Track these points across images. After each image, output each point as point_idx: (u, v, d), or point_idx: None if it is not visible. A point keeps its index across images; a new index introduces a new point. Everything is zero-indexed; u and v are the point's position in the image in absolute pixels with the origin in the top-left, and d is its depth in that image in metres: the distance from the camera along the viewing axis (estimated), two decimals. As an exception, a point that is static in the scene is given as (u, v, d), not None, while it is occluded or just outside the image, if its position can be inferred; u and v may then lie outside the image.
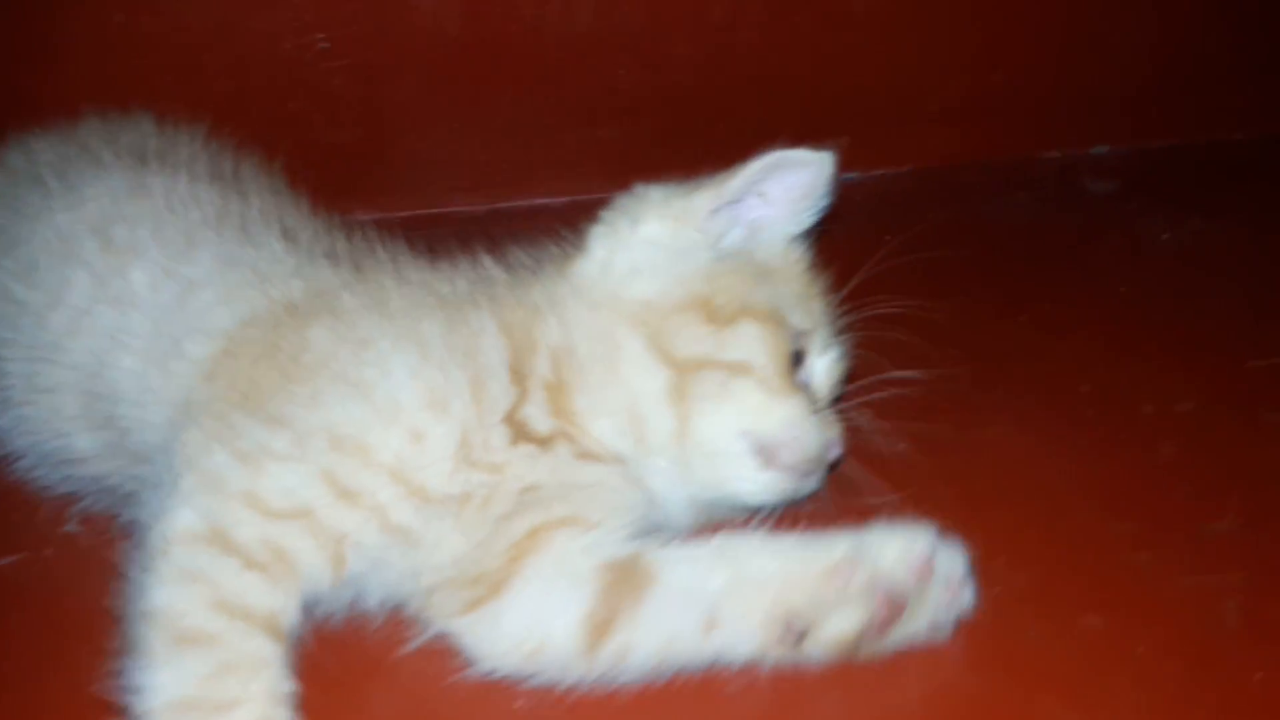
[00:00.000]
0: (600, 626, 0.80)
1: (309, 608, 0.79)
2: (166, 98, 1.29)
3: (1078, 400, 1.18)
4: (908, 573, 0.81)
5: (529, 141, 1.57)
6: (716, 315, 0.88)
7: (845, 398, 0.99)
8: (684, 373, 0.87)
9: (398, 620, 0.86)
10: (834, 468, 0.94)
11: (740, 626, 0.80)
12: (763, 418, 0.87)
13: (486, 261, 0.96)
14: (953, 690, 0.83)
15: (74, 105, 1.21)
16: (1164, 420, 1.14)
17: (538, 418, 0.87)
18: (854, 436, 1.03)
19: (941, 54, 1.64)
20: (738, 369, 0.87)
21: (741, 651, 0.81)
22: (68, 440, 0.96)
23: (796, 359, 0.90)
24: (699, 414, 0.86)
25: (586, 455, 0.88)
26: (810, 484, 0.90)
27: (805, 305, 0.94)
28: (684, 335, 0.87)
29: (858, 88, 1.65)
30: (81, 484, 0.98)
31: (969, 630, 0.84)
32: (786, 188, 0.92)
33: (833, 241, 1.53)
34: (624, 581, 0.82)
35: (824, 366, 0.94)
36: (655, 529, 0.90)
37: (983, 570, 0.86)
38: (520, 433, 0.86)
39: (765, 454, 0.87)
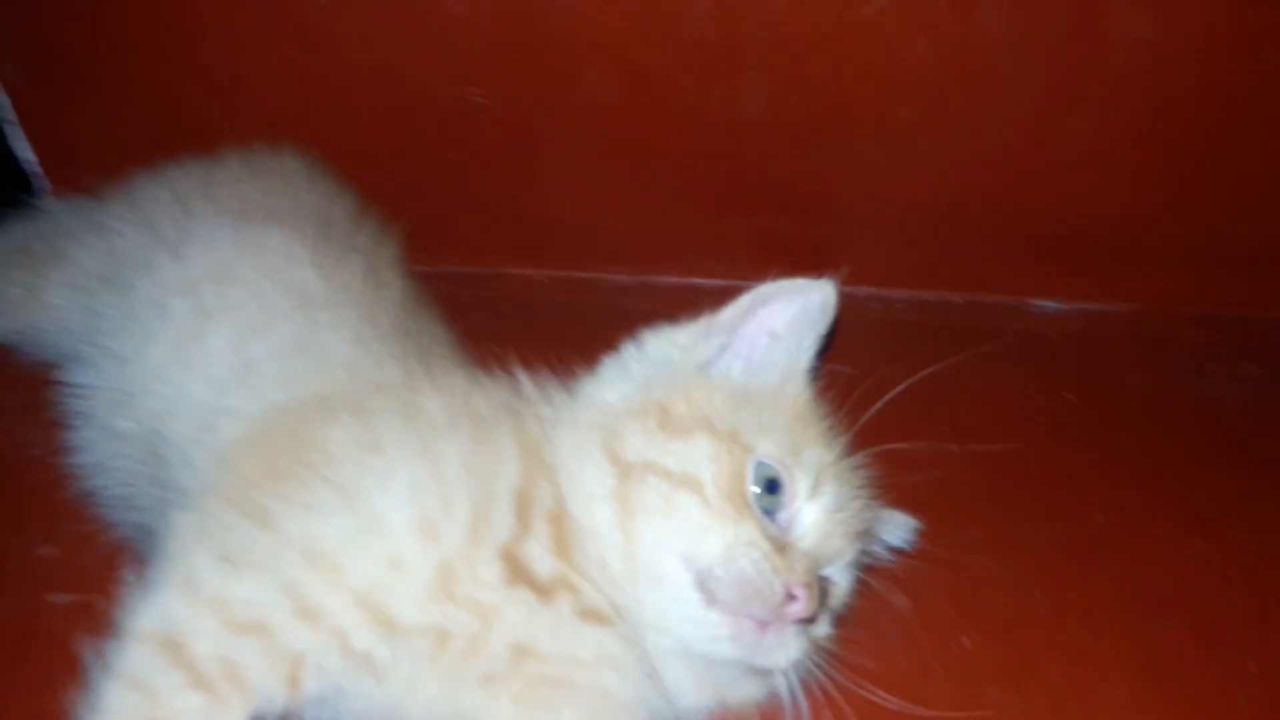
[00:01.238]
0: None
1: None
2: (326, 135, 1.31)
3: (1243, 679, 0.93)
4: None
5: (685, 219, 1.47)
6: (671, 423, 0.82)
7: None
8: (628, 476, 0.79)
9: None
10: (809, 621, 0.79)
11: None
12: (702, 540, 0.77)
13: (523, 377, 0.91)
14: None
15: (239, 131, 1.24)
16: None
17: (539, 557, 0.79)
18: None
19: (1185, 192, 1.38)
20: (682, 481, 0.79)
21: None
22: (132, 490, 0.97)
23: (770, 487, 0.80)
24: (641, 527, 0.78)
25: (588, 614, 0.80)
26: (772, 645, 0.77)
27: (790, 440, 0.84)
28: (634, 438, 0.81)
29: (1071, 213, 1.42)
30: (142, 535, 0.98)
31: None
32: (788, 319, 0.88)
33: (996, 385, 1.33)
34: None
35: (813, 513, 0.82)
36: None
37: None
38: (517, 572, 0.78)
39: (705, 587, 0.76)
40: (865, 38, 1.27)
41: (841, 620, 0.87)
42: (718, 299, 1.49)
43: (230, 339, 0.93)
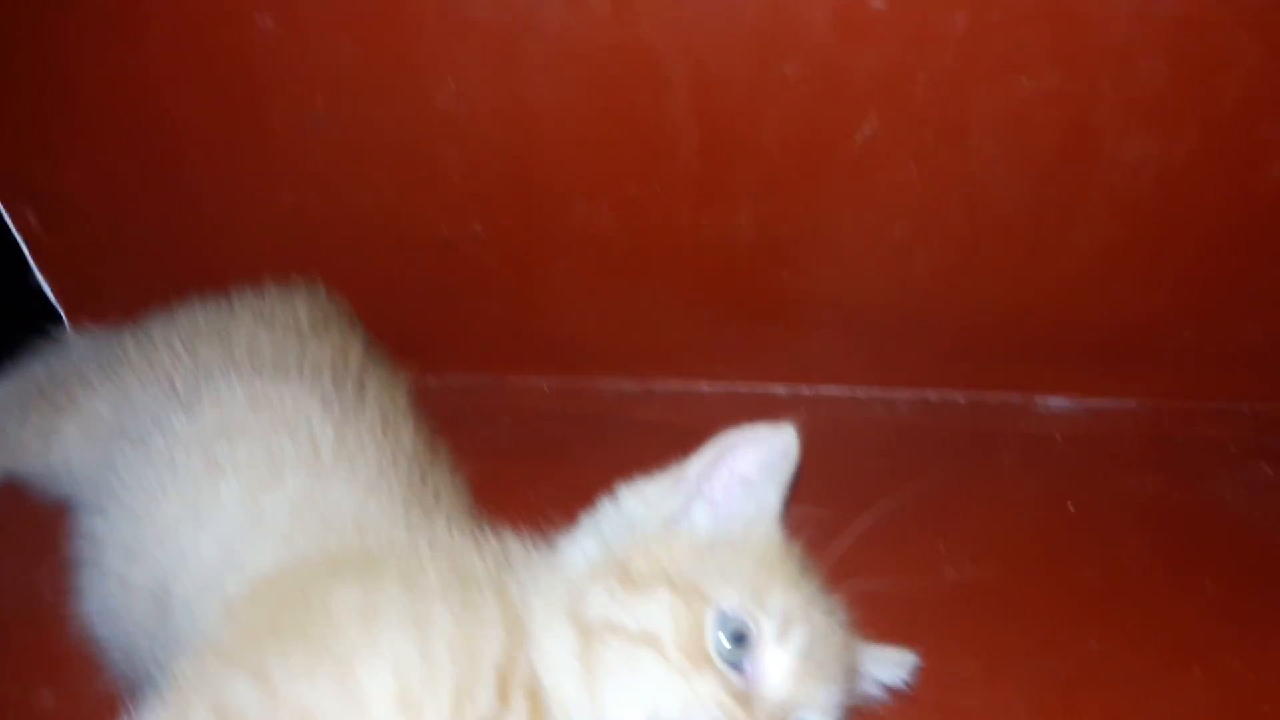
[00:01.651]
0: None
1: None
2: (328, 266, 1.34)
3: None
4: None
5: (683, 330, 1.48)
6: (631, 580, 0.82)
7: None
8: (590, 638, 0.80)
9: None
10: None
11: None
12: (664, 697, 0.77)
13: (511, 540, 0.92)
14: None
15: (245, 264, 1.28)
16: None
17: None
18: None
19: (1194, 292, 1.37)
20: (641, 638, 0.79)
21: None
22: (136, 639, 0.97)
23: (737, 640, 0.80)
24: (605, 688, 0.79)
25: None
26: None
27: (755, 586, 0.83)
28: (596, 599, 0.82)
29: (1077, 315, 1.41)
30: (142, 684, 0.97)
31: None
32: (756, 464, 0.88)
33: (997, 496, 1.34)
34: None
35: (782, 659, 0.81)
36: None
37: None
38: None
39: None
40: (854, 165, 1.27)
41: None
42: (720, 404, 1.52)
43: (240, 496, 0.93)
